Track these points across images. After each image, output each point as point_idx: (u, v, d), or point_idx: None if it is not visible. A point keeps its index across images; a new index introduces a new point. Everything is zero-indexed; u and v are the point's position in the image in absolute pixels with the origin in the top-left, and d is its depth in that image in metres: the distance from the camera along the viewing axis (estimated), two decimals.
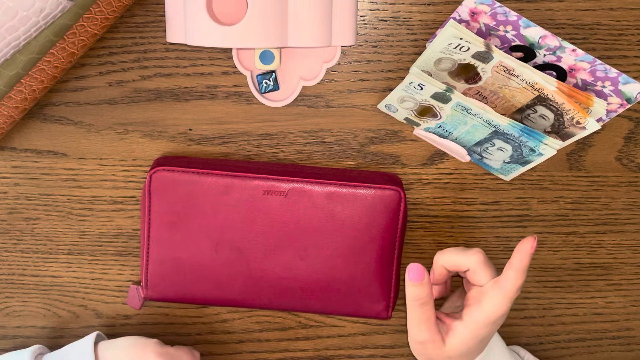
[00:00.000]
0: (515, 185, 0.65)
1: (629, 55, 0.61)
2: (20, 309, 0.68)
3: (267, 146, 0.64)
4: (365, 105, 0.62)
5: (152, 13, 0.60)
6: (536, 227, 0.66)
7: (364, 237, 0.61)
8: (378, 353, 0.69)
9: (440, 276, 0.57)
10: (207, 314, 0.68)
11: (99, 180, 0.64)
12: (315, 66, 0.60)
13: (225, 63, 0.61)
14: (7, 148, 0.63)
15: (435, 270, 0.57)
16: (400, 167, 0.64)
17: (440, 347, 0.55)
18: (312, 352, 0.69)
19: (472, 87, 0.58)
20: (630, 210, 0.66)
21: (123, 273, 0.67)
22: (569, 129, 0.57)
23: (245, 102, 0.62)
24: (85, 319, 0.68)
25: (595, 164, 0.64)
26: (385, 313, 0.64)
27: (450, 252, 0.56)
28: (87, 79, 0.62)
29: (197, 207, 0.60)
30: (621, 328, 0.70)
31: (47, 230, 0.66)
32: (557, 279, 0.68)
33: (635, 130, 0.64)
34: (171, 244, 0.61)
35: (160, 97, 0.62)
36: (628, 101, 0.59)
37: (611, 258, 0.68)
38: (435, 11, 0.60)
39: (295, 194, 0.60)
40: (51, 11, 0.51)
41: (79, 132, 0.63)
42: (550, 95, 0.55)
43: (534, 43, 0.57)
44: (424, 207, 0.65)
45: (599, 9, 0.60)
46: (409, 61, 0.61)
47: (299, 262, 0.62)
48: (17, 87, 0.55)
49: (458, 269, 0.56)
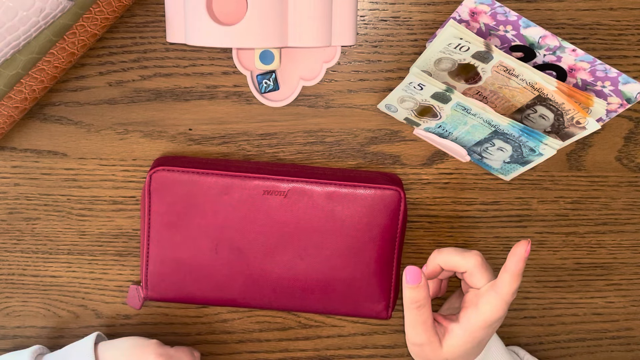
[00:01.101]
0: (515, 185, 0.65)
1: (629, 55, 0.61)
2: (20, 309, 0.68)
3: (267, 146, 0.64)
4: (365, 105, 0.62)
5: (152, 13, 0.60)
6: (536, 227, 0.66)
7: (364, 237, 0.61)
8: (378, 353, 0.69)
9: (433, 273, 0.57)
10: (207, 314, 0.68)
11: (99, 180, 0.64)
12: (315, 66, 0.60)
13: (225, 63, 0.61)
14: (7, 148, 0.63)
15: (428, 266, 0.57)
16: (400, 167, 0.64)
17: (437, 350, 0.55)
18: (312, 352, 0.69)
19: (472, 87, 0.58)
20: (630, 210, 0.66)
21: (123, 273, 0.67)
22: (569, 129, 0.57)
23: (245, 102, 0.62)
24: (85, 319, 0.68)
25: (595, 164, 0.64)
26: (385, 313, 0.64)
27: (448, 252, 0.56)
28: (87, 79, 0.62)
29: (197, 207, 0.60)
30: (621, 328, 0.70)
31: (47, 230, 0.66)
32: (557, 279, 0.68)
33: (635, 130, 0.64)
34: (171, 244, 0.61)
35: (160, 97, 0.62)
36: (628, 101, 0.59)
37: (611, 258, 0.68)
38: (435, 11, 0.60)
39: (295, 194, 0.60)
40: (51, 11, 0.51)
41: (79, 132, 0.63)
42: (550, 95, 0.55)
43: (534, 43, 0.57)
44: (424, 207, 0.65)
45: (599, 9, 0.60)
46: (409, 61, 0.61)
47: (299, 262, 0.62)
48: (17, 87, 0.55)
49: (455, 270, 0.56)
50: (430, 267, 0.57)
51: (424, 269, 0.57)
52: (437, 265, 0.56)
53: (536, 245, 0.67)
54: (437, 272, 0.57)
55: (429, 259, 0.57)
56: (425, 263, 0.58)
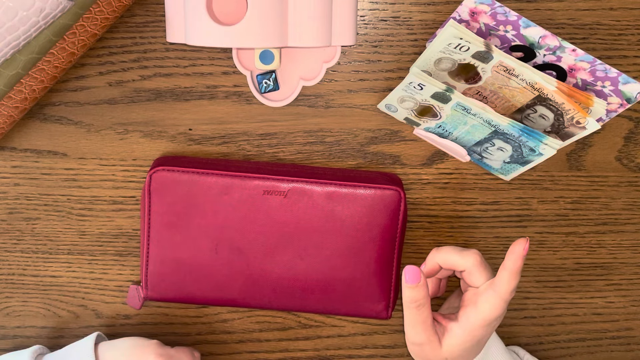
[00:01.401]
0: (515, 185, 0.65)
1: (629, 55, 0.61)
2: (20, 309, 0.68)
3: (267, 146, 0.64)
4: (365, 105, 0.62)
5: (152, 13, 0.60)
6: (536, 227, 0.66)
7: (364, 237, 0.61)
8: (378, 353, 0.69)
9: (431, 271, 0.57)
10: (207, 314, 0.68)
11: (99, 180, 0.64)
12: (315, 66, 0.60)
13: (225, 63, 0.61)
14: (7, 148, 0.63)
15: (427, 264, 0.57)
16: (400, 167, 0.64)
17: (437, 349, 0.55)
18: (312, 352, 0.69)
19: (472, 87, 0.58)
20: (630, 210, 0.66)
21: (123, 273, 0.67)
22: (569, 129, 0.57)
23: (245, 102, 0.62)
24: (85, 319, 0.68)
25: (595, 164, 0.64)
26: (385, 313, 0.64)
27: (447, 251, 0.56)
28: (87, 79, 0.62)
29: (197, 207, 0.60)
30: (621, 328, 0.70)
31: (47, 230, 0.66)
32: (557, 279, 0.68)
33: (635, 130, 0.64)
34: (171, 244, 0.61)
35: (160, 97, 0.62)
36: (628, 101, 0.59)
37: (611, 258, 0.68)
38: (435, 11, 0.60)
39: (295, 194, 0.60)
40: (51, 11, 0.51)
41: (79, 132, 0.63)
42: (550, 95, 0.55)
43: (534, 43, 0.57)
44: (424, 207, 0.65)
45: (599, 9, 0.60)
46: (409, 61, 0.61)
47: (299, 262, 0.62)
48: (17, 87, 0.55)
49: (453, 269, 0.56)
50: (429, 265, 0.57)
51: (423, 267, 0.57)
52: (435, 263, 0.57)
53: (536, 245, 0.67)
54: (435, 270, 0.57)
55: (428, 257, 0.57)
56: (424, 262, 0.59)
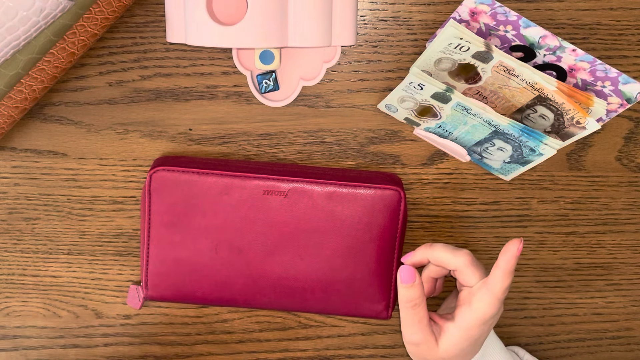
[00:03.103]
0: (515, 185, 0.65)
1: (629, 55, 0.61)
2: (20, 309, 0.68)
3: (267, 146, 0.64)
4: (365, 105, 0.62)
5: (152, 13, 0.60)
6: (536, 227, 0.66)
7: (364, 237, 0.61)
8: (378, 353, 0.69)
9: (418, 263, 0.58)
10: (207, 314, 0.68)
11: (99, 180, 0.64)
12: (315, 66, 0.60)
13: (225, 63, 0.61)
14: (7, 148, 0.63)
15: (416, 255, 0.57)
16: (400, 167, 0.64)
17: (433, 348, 0.55)
18: (312, 352, 0.69)
19: (472, 87, 0.58)
20: (630, 210, 0.66)
21: (123, 273, 0.67)
22: (569, 129, 0.57)
23: (245, 102, 0.62)
24: (85, 319, 0.68)
25: (595, 164, 0.64)
26: (385, 313, 0.64)
27: (439, 249, 0.56)
28: (87, 79, 0.62)
29: (197, 207, 0.60)
30: (621, 328, 0.70)
31: (47, 230, 0.66)
32: (557, 279, 0.68)
33: (635, 130, 0.64)
34: (171, 244, 0.61)
35: (160, 97, 0.62)
36: (628, 101, 0.59)
37: (611, 258, 0.68)
38: (435, 11, 0.60)
39: (295, 194, 0.60)
40: (51, 11, 0.51)
41: (79, 132, 0.63)
42: (550, 95, 0.55)
43: (534, 43, 0.57)
44: (424, 207, 0.66)
45: (599, 9, 0.60)
46: (409, 61, 0.61)
47: (299, 262, 0.62)
48: (17, 87, 0.55)
49: (444, 267, 0.56)
50: (418, 256, 0.57)
51: (411, 257, 0.57)
52: (425, 258, 0.57)
53: (536, 245, 0.67)
54: (423, 263, 0.57)
55: (419, 249, 0.57)
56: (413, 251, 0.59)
